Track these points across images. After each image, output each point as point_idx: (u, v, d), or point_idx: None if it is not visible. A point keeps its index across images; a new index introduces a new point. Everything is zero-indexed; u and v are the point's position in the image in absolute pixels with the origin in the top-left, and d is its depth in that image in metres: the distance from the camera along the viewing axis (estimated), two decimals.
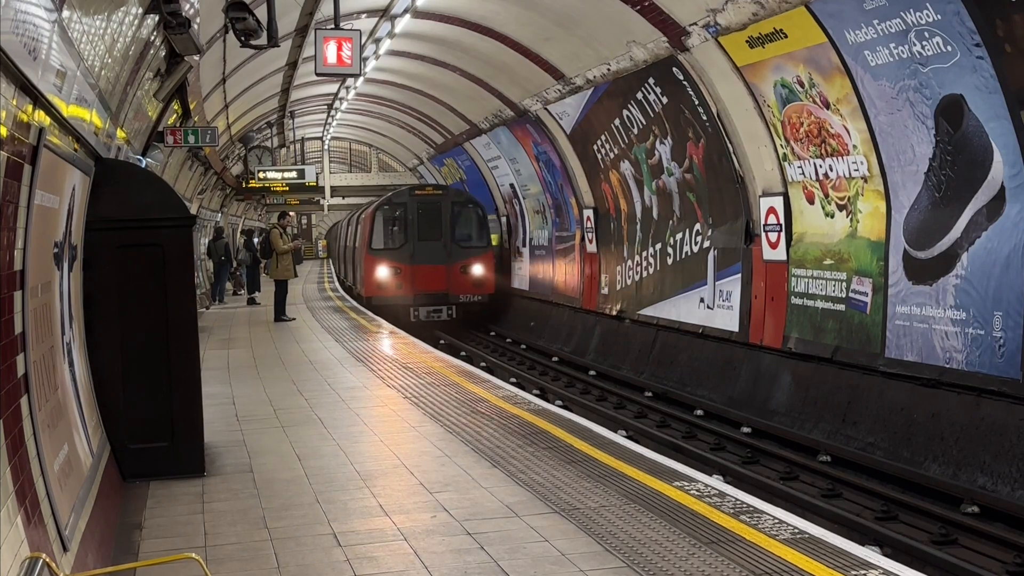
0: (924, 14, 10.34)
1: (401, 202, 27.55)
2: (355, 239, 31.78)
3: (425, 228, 27.01)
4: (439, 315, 26.43)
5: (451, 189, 30.19)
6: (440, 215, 27.17)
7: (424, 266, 26.50)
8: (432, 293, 26.47)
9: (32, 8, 4.61)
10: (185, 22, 9.78)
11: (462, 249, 26.99)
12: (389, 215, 27.58)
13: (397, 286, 26.35)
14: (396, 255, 26.73)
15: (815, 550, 5.90)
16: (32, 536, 4.58)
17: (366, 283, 27.08)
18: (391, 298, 26.27)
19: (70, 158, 6.50)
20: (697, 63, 15.08)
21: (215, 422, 10.14)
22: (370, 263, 26.82)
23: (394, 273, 26.41)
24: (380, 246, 26.99)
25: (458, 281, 26.66)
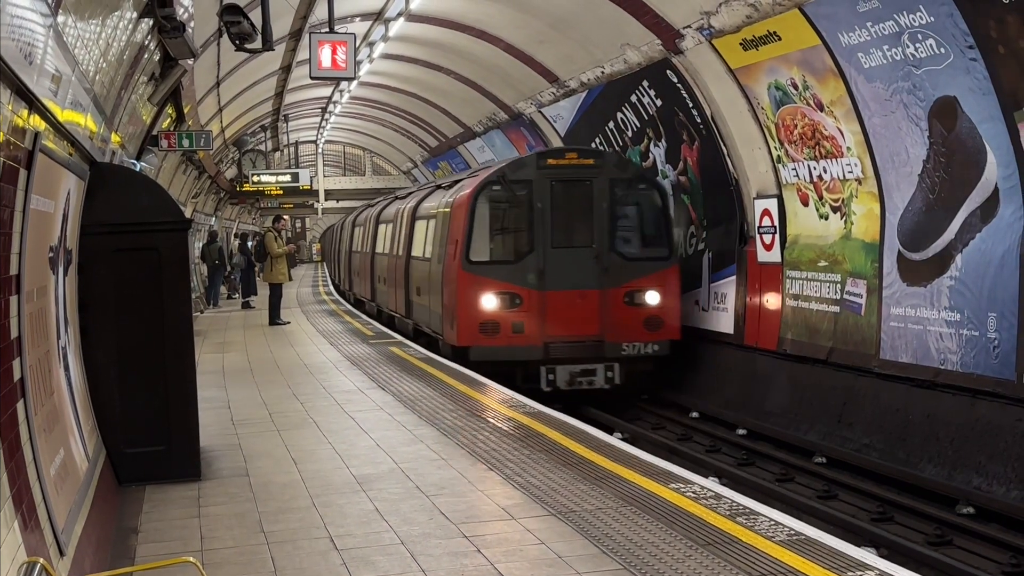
0: (917, 16, 10.36)
1: (523, 179, 15.57)
2: (404, 241, 20.53)
3: (565, 225, 15.53)
4: (590, 381, 15.07)
5: (609, 155, 16.90)
6: (592, 202, 15.41)
7: (563, 293, 15.10)
8: (577, 341, 15.06)
9: (28, 13, 4.61)
10: (179, 26, 9.77)
11: (627, 262, 15.36)
12: (500, 201, 15.76)
13: (514, 328, 15.05)
14: (512, 273, 15.18)
15: (811, 551, 5.91)
16: (29, 541, 4.57)
17: (458, 322, 15.29)
18: (503, 350, 15.01)
19: (65, 162, 6.50)
20: (691, 65, 15.10)
21: (211, 426, 10.12)
22: (467, 287, 15.19)
23: (509, 305, 15.08)
24: (483, 257, 15.44)
25: (621, 319, 15.18)
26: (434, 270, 17.07)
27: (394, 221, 22.88)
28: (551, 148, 20.87)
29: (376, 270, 25.31)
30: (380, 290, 24.61)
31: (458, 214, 15.83)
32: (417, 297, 18.95)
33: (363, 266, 28.07)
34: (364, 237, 28.45)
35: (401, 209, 22.34)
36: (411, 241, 20.02)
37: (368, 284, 26.95)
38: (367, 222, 28.71)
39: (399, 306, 21.24)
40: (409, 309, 20.03)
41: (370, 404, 11.54)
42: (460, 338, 15.26)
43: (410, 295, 19.72)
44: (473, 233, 15.33)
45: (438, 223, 17.26)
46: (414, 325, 19.49)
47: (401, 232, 21.50)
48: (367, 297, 27.36)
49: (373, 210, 28.87)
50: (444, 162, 35.79)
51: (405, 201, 22.88)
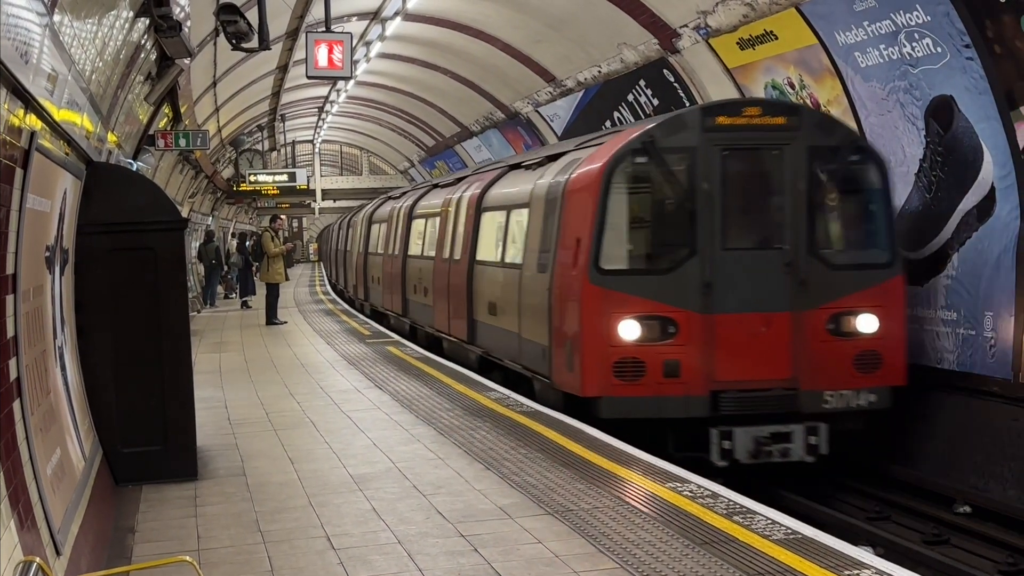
0: (914, 15, 10.37)
1: (680, 146, 10.54)
2: (463, 241, 15.40)
3: (743, 216, 10.80)
4: (784, 451, 10.20)
5: (808, 112, 11.80)
6: (782, 181, 10.56)
7: (739, 317, 10.33)
8: (761, 389, 10.28)
9: (24, 12, 4.60)
10: (176, 25, 9.76)
11: (833, 272, 10.50)
12: (646, 180, 10.83)
13: (667, 370, 10.21)
14: (663, 287, 10.37)
15: (808, 550, 5.92)
16: (25, 540, 4.57)
17: (582, 360, 10.40)
18: (650, 402, 10.22)
19: (62, 162, 6.49)
20: (688, 65, 15.10)
21: (207, 426, 10.12)
22: (596, 308, 10.35)
23: (658, 335, 10.28)
24: (619, 264, 10.58)
25: (824, 355, 10.36)
26: (530, 282, 11.70)
27: (443, 214, 17.23)
28: (721, 101, 12.91)
29: (409, 278, 19.68)
30: (416, 304, 19.09)
31: (578, 201, 10.59)
32: (490, 317, 13.69)
33: (388, 273, 22.15)
34: (387, 236, 22.73)
35: (452, 199, 16.76)
36: (474, 241, 14.77)
37: (398, 295, 20.88)
38: (392, 218, 22.55)
39: (455, 327, 15.51)
40: (473, 332, 14.65)
41: (367, 403, 11.54)
42: (586, 384, 10.16)
43: (475, 314, 14.48)
44: (605, 229, 10.18)
45: (533, 216, 11.99)
46: (482, 354, 14.23)
47: (456, 228, 15.92)
48: (394, 311, 21.60)
49: (399, 202, 22.77)
50: (441, 161, 35.80)
51: (455, 189, 17.31)
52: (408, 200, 21.41)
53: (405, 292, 20.13)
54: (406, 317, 20.25)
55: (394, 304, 21.43)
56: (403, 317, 20.59)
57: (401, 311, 20.67)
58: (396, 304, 21.18)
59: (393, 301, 21.53)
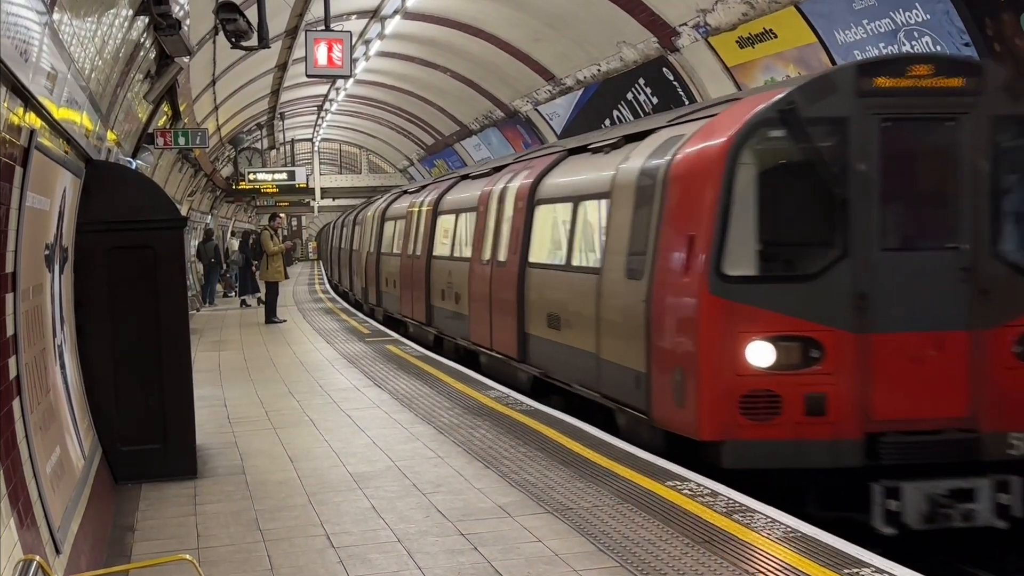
0: (913, 14, 10.37)
1: (827, 115, 8.05)
2: (515, 239, 13.01)
3: (907, 207, 8.37)
4: (968, 513, 7.59)
5: (991, 67, 8.83)
6: (958, 161, 8.09)
7: (903, 337, 7.94)
8: (932, 432, 7.86)
9: (23, 11, 4.60)
10: (175, 23, 9.75)
11: (1022, 278, 8.06)
12: (782, 158, 8.48)
13: (809, 405, 7.83)
14: (803, 299, 7.99)
15: (808, 548, 5.92)
16: (25, 539, 4.57)
17: (699, 391, 8.02)
18: (787, 448, 7.83)
19: (61, 160, 6.49)
20: (687, 63, 15.11)
21: (207, 424, 10.11)
22: (718, 325, 8.00)
23: (798, 360, 7.91)
24: (747, 269, 8.08)
25: (1011, 387, 7.95)
26: (615, 290, 9.47)
27: (480, 209, 14.60)
28: (881, 57, 11.03)
29: (435, 282, 17.24)
30: (445, 312, 16.58)
31: (689, 188, 8.44)
32: (551, 332, 11.36)
33: (408, 276, 19.42)
34: (406, 235, 20.01)
35: (493, 191, 14.21)
36: (525, 240, 12.52)
37: (420, 301, 18.16)
38: (413, 214, 19.59)
39: (501, 341, 13.24)
40: (525, 349, 12.36)
41: (367, 402, 11.54)
42: (704, 423, 7.97)
43: (528, 326, 12.22)
44: (730, 224, 8.00)
45: (617, 208, 9.71)
46: (539, 375, 11.84)
47: (500, 225, 13.52)
48: (415, 318, 18.84)
49: (420, 196, 19.83)
50: (440, 160, 35.80)
51: (493, 180, 14.63)
52: (431, 194, 18.62)
53: (430, 298, 17.51)
54: (431, 326, 17.61)
55: (415, 311, 18.69)
56: (427, 326, 17.83)
57: (425, 319, 17.86)
58: (418, 311, 18.38)
59: (414, 308, 18.79)
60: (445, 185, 18.42)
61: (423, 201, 18.83)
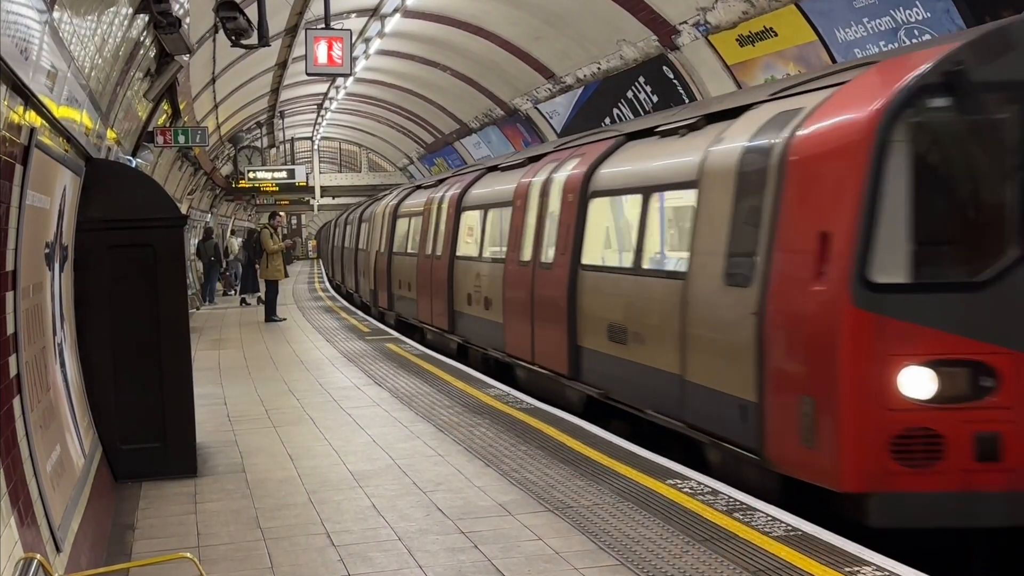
0: (914, 12, 10.37)
1: (1007, 79, 6.42)
2: (565, 234, 11.13)
3: None
4: None
5: None
6: None
7: None
8: None
9: (23, 9, 4.60)
10: (175, 22, 9.75)
11: None
12: (944, 133, 6.68)
13: (981, 448, 6.21)
14: (971, 313, 6.32)
15: (809, 547, 5.92)
16: (25, 537, 4.57)
17: (842, 428, 6.38)
18: (952, 501, 6.29)
19: (61, 158, 6.49)
20: (687, 62, 15.10)
21: (207, 422, 10.11)
22: (862, 344, 6.40)
23: (965, 390, 6.27)
24: (895, 275, 6.41)
25: None
26: (709, 299, 7.98)
27: (516, 205, 12.92)
28: None
29: (460, 286, 15.44)
30: (472, 320, 14.84)
31: (820, 173, 6.92)
32: (614, 347, 9.72)
33: (427, 279, 17.39)
34: (424, 233, 17.81)
35: (531, 184, 12.51)
36: (578, 238, 10.67)
37: (442, 306, 16.31)
38: (432, 210, 17.64)
39: (545, 354, 11.55)
40: (577, 364, 10.65)
41: (367, 400, 11.54)
42: (845, 470, 6.47)
43: (581, 339, 10.51)
44: (879, 216, 6.47)
45: (709, 199, 8.18)
46: (598, 396, 10.16)
47: (543, 222, 11.76)
48: (436, 325, 16.91)
49: (440, 191, 17.79)
50: (440, 158, 35.79)
51: (529, 172, 13.06)
52: (453, 188, 16.81)
53: (453, 303, 15.76)
54: (454, 334, 15.83)
55: (435, 317, 16.85)
56: (450, 334, 16.02)
57: (447, 326, 16.11)
58: (439, 317, 16.57)
59: (434, 313, 16.95)
60: (469, 178, 16.63)
61: (444, 196, 17.11)
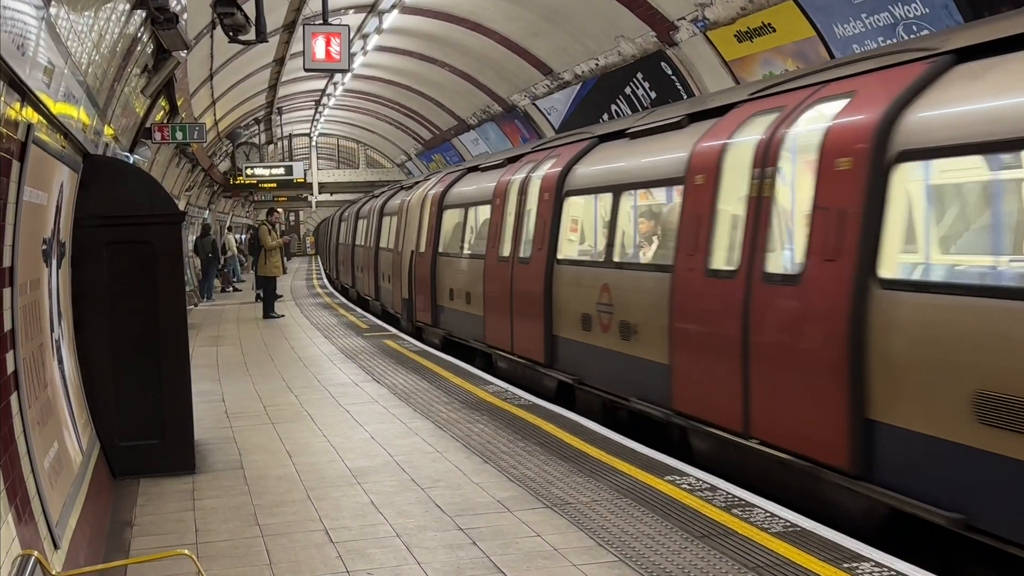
0: (912, 7, 10.36)
1: None
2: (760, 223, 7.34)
3: None
4: None
5: None
6: None
7: None
8: None
9: (20, 4, 4.59)
10: (172, 17, 9.74)
11: None
12: None
13: None
14: None
15: (807, 543, 5.92)
16: (23, 534, 4.56)
17: None
18: None
19: (58, 155, 6.47)
20: (686, 58, 15.08)
21: (205, 419, 10.11)
22: None
23: None
24: None
25: None
26: None
27: (688, 186, 8.65)
28: None
29: (564, 300, 11.16)
30: (578, 348, 10.76)
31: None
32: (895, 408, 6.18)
33: (501, 288, 13.16)
34: (500, 228, 13.40)
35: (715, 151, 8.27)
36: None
37: (532, 327, 11.86)
38: (518, 200, 12.89)
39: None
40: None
41: (365, 397, 11.53)
42: None
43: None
44: None
45: None
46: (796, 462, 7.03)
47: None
48: (522, 353, 12.33)
49: (521, 172, 13.15)
50: (438, 155, 35.77)
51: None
52: (543, 167, 12.33)
53: (551, 325, 11.34)
54: (553, 368, 11.38)
55: (519, 340, 12.39)
56: (547, 368, 11.50)
57: (543, 357, 11.52)
58: (529, 342, 12.00)
59: (516, 336, 12.47)
60: (575, 150, 11.57)
61: (529, 179, 12.61)
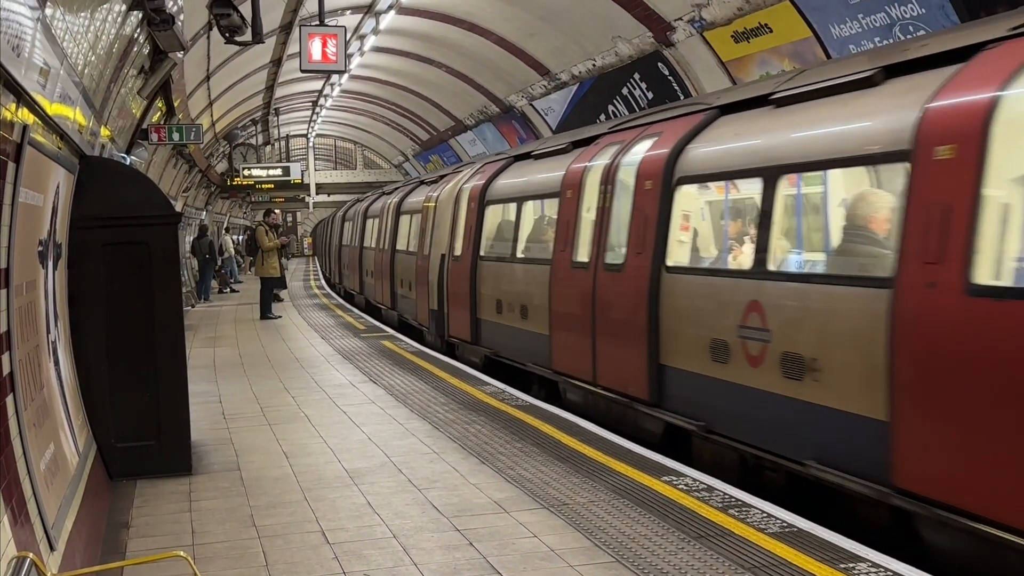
0: (908, 8, 10.36)
1: None
2: None
3: None
4: None
5: None
6: None
7: None
8: None
9: (15, 5, 4.58)
10: (169, 18, 9.74)
11: None
12: None
13: None
14: None
15: (804, 543, 5.91)
16: (19, 535, 4.55)
17: None
18: None
19: (54, 156, 6.47)
20: (682, 58, 15.09)
21: (202, 420, 10.10)
22: None
23: None
24: None
25: None
26: None
27: None
28: None
29: (672, 320, 8.70)
30: (738, 397, 7.69)
31: None
32: None
33: (560, 299, 10.96)
34: (606, 226, 9.98)
35: None
36: None
37: (640, 362, 9.07)
38: (604, 192, 10.04)
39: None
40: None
41: (362, 398, 11.52)
42: None
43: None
44: None
45: None
46: None
47: None
48: (638, 395, 9.19)
49: (603, 157, 10.32)
50: (435, 155, 35.77)
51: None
52: (631, 151, 9.68)
53: (658, 355, 8.90)
54: (663, 408, 8.96)
55: (613, 372, 9.74)
56: (656, 409, 9.05)
57: (651, 394, 9.02)
58: (626, 374, 9.43)
59: (621, 371, 9.55)
60: (683, 125, 9.02)
61: (617, 165, 9.84)
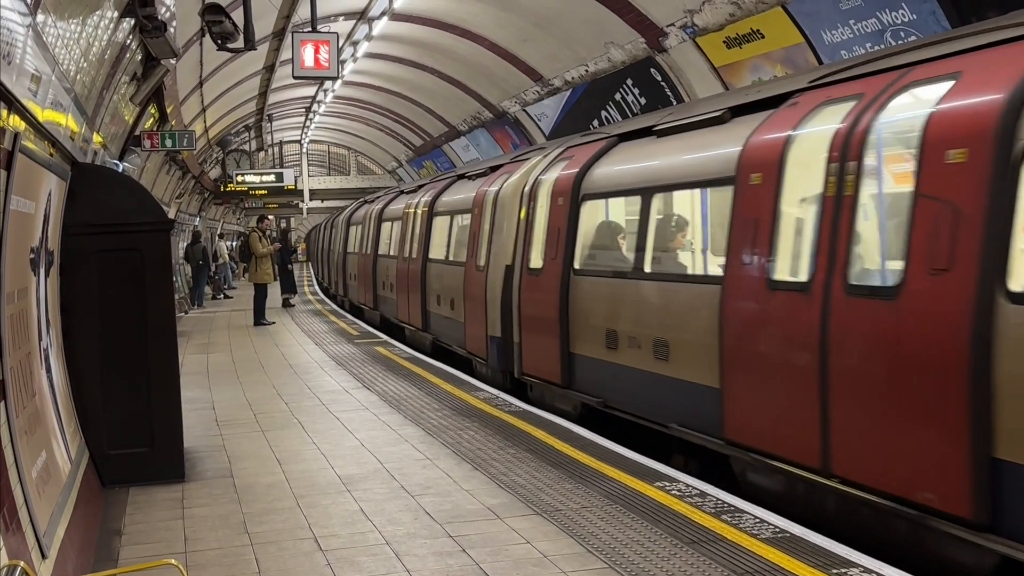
0: (900, 14, 10.40)
1: None
2: None
3: None
4: None
5: None
6: None
7: None
8: None
9: (5, 12, 4.57)
10: (161, 25, 9.72)
11: None
12: None
13: None
14: None
15: (796, 549, 5.92)
16: (10, 543, 4.54)
17: None
18: None
19: (46, 163, 6.46)
20: (675, 64, 15.12)
21: (195, 427, 10.08)
22: None
23: None
24: None
25: None
26: None
27: None
28: None
29: None
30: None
31: None
32: None
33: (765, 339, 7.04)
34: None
35: None
36: None
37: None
38: None
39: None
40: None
41: (355, 404, 11.52)
42: None
43: None
44: None
45: None
46: None
47: None
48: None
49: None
50: (429, 161, 35.78)
51: None
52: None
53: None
54: None
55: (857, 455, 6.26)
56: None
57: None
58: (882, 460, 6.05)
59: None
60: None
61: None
